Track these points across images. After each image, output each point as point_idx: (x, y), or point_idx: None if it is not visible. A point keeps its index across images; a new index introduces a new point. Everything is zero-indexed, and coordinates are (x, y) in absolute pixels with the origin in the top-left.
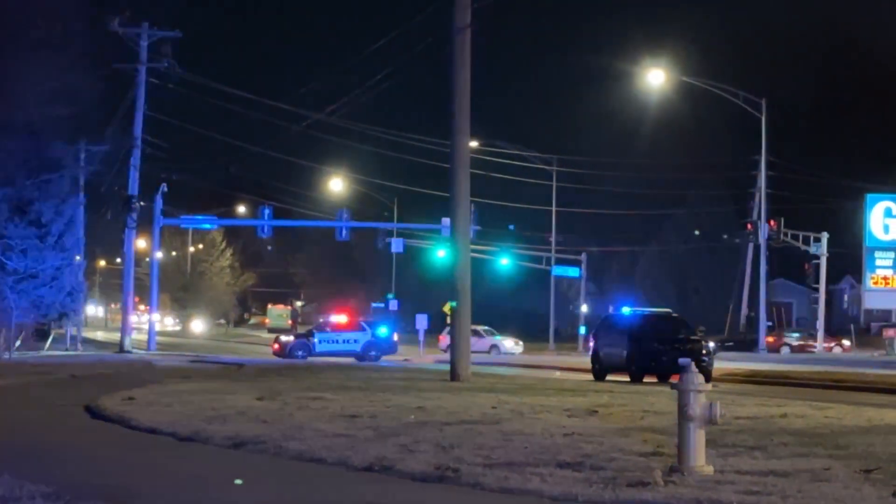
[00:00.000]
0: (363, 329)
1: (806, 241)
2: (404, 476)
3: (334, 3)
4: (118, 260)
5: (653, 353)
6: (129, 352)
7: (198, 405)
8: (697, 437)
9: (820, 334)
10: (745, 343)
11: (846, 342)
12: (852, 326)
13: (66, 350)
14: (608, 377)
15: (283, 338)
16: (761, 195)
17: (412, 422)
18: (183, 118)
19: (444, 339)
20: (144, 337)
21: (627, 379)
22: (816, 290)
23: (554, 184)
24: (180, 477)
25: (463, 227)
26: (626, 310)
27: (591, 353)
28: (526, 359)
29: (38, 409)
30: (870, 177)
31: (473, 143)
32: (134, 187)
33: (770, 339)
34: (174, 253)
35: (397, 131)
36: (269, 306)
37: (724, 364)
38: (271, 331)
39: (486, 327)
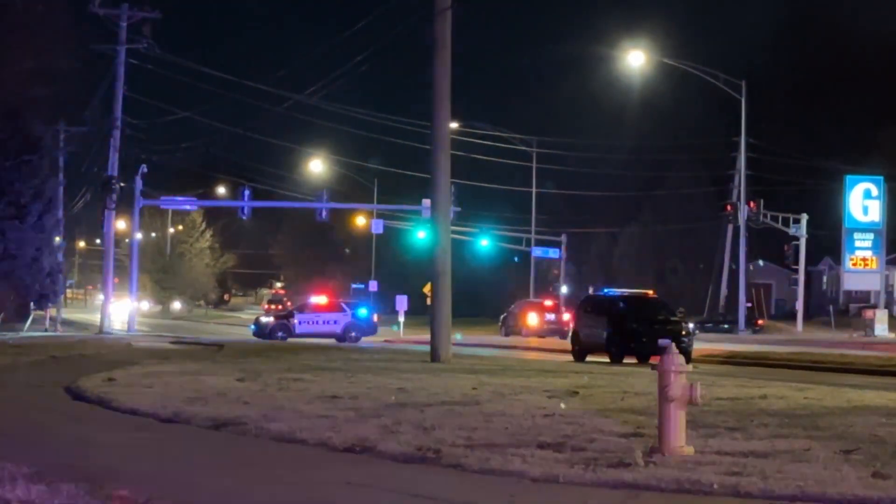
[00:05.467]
0: (343, 310)
1: (785, 222)
2: (385, 457)
3: None
4: (98, 241)
5: (633, 334)
6: (109, 333)
7: (178, 386)
8: (678, 418)
9: (799, 316)
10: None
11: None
12: (831, 308)
13: (46, 331)
14: (588, 358)
15: (263, 319)
16: (741, 176)
17: (393, 403)
18: (162, 99)
19: None
20: (125, 318)
21: (607, 360)
22: (795, 271)
23: (534, 165)
24: (161, 458)
25: (443, 209)
26: (605, 291)
27: (570, 334)
28: (506, 340)
29: (18, 390)
30: (849, 158)
31: (454, 125)
32: (113, 168)
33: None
34: (154, 234)
35: (378, 112)
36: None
37: (703, 345)
38: None
39: None
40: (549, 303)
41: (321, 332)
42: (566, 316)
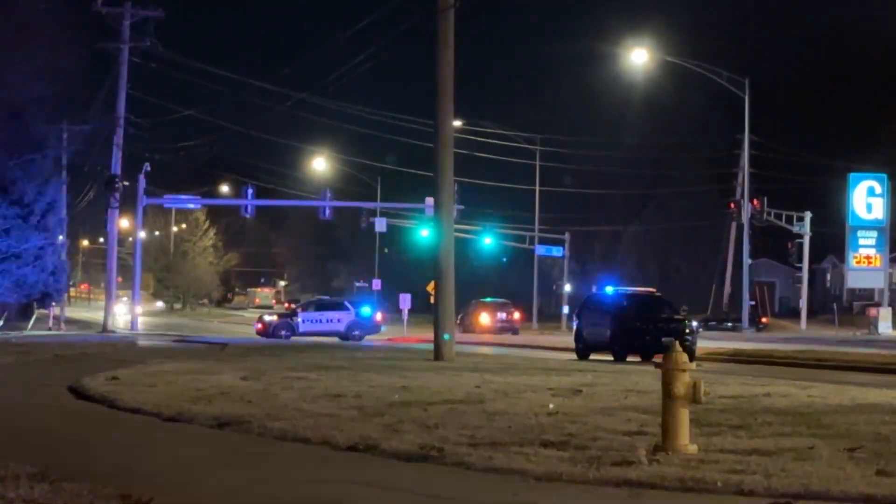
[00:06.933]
0: (347, 309)
1: (789, 220)
2: (389, 455)
3: None
4: (101, 240)
5: (636, 333)
6: (112, 332)
7: (182, 385)
8: (681, 416)
9: (803, 314)
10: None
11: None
12: (835, 305)
13: (49, 330)
14: (592, 356)
15: (267, 317)
16: (744, 174)
17: (396, 401)
18: (166, 98)
19: None
20: (128, 317)
21: (611, 358)
22: (799, 269)
23: (537, 163)
24: (165, 457)
25: (447, 207)
26: (609, 289)
27: (574, 332)
28: (510, 338)
29: (22, 389)
30: (853, 156)
31: (457, 123)
32: (117, 167)
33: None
34: (157, 233)
35: (381, 111)
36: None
37: (707, 343)
38: None
39: None
40: (501, 302)
41: (325, 331)
42: (517, 315)
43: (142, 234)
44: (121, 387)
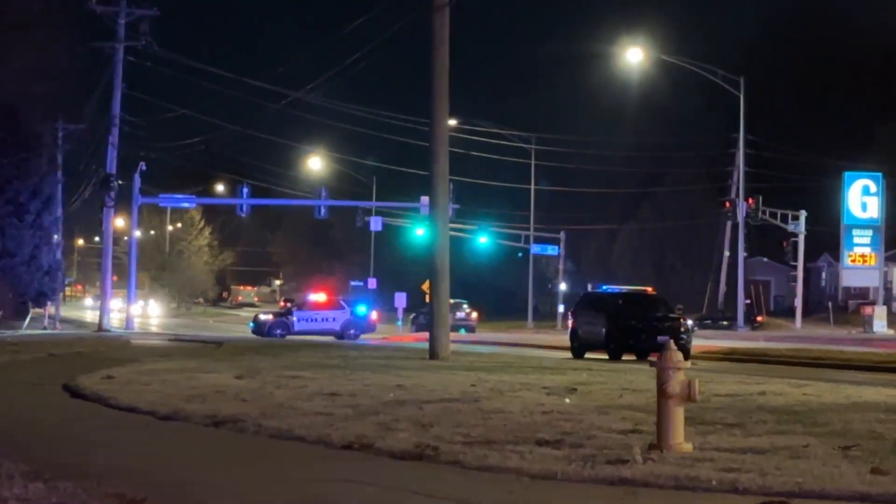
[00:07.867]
0: (342, 307)
1: (784, 218)
2: (384, 454)
3: None
4: (96, 239)
5: (631, 331)
6: (107, 331)
7: (177, 384)
8: (676, 415)
9: (798, 312)
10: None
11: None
12: (830, 304)
13: (45, 329)
14: (587, 355)
15: (262, 316)
16: (739, 173)
17: (391, 400)
18: (161, 97)
19: None
20: (123, 315)
21: (606, 357)
22: (794, 267)
23: (532, 162)
24: (160, 456)
25: (442, 206)
26: (604, 288)
27: (569, 330)
28: (505, 337)
29: (16, 388)
30: (848, 155)
31: (452, 122)
32: (112, 166)
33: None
34: (152, 232)
35: (376, 110)
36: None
37: (702, 342)
38: None
39: None
40: (457, 302)
41: (320, 330)
42: (474, 314)
43: (137, 234)
44: (116, 385)
